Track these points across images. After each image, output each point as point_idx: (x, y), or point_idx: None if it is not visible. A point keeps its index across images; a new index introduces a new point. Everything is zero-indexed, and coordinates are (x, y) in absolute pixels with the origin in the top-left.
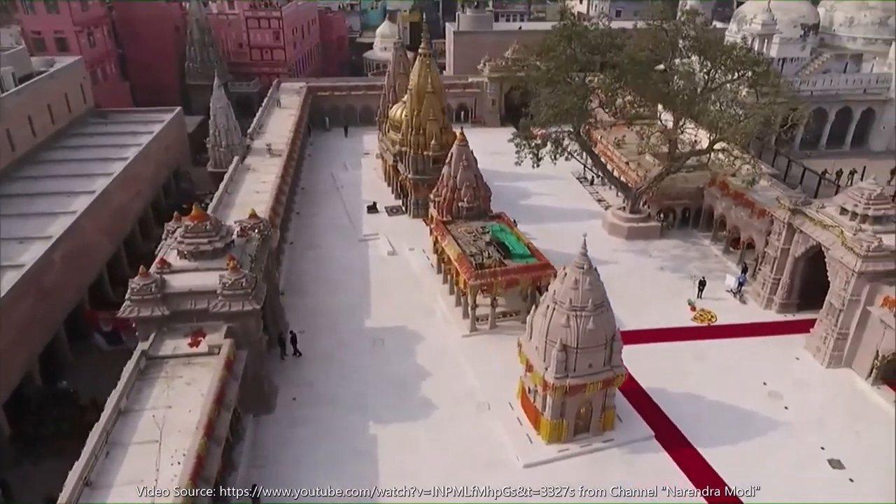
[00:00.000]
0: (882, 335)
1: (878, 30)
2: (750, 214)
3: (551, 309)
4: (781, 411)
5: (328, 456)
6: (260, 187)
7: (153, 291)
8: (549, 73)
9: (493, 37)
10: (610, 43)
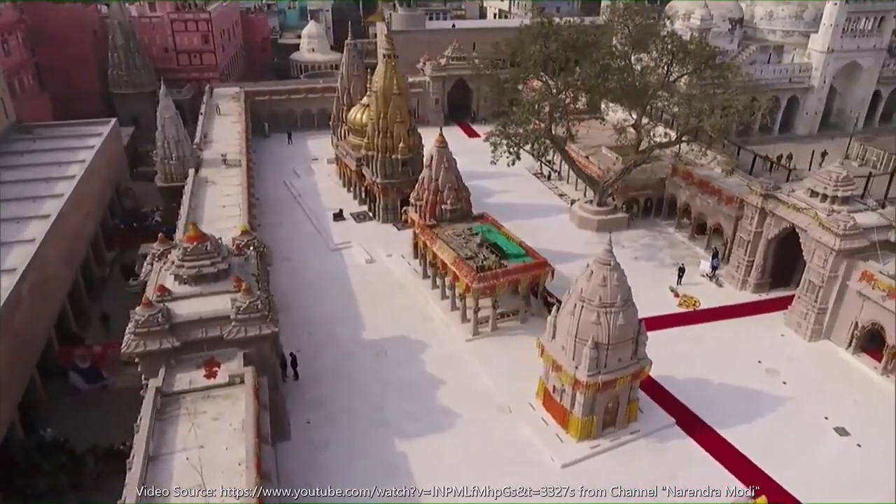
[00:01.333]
0: (861, 307)
1: (795, 23)
2: (717, 201)
3: (580, 307)
4: (781, 387)
5: (361, 476)
6: (225, 201)
7: (160, 322)
8: (525, 73)
9: (427, 35)
10: (585, 41)
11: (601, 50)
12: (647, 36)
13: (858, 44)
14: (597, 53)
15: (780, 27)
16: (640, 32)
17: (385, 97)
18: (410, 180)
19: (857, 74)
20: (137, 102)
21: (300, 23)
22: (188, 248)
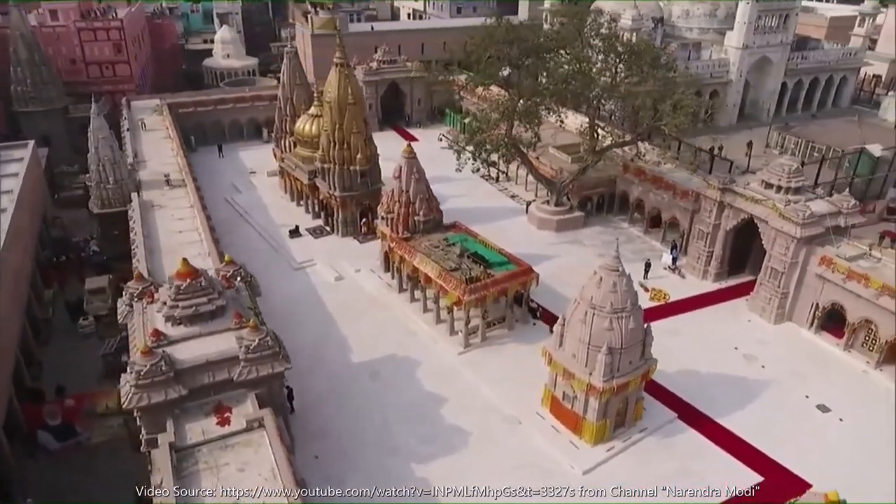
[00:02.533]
0: (820, 290)
1: (709, 20)
2: (672, 196)
3: (591, 315)
4: (761, 371)
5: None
6: (179, 225)
7: (163, 371)
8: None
9: (351, 38)
10: (546, 46)
11: (564, 55)
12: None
13: (768, 40)
14: (559, 59)
15: (696, 25)
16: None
17: (340, 107)
18: (369, 192)
19: (767, 68)
20: (46, 120)
21: (206, 27)
22: (181, 285)
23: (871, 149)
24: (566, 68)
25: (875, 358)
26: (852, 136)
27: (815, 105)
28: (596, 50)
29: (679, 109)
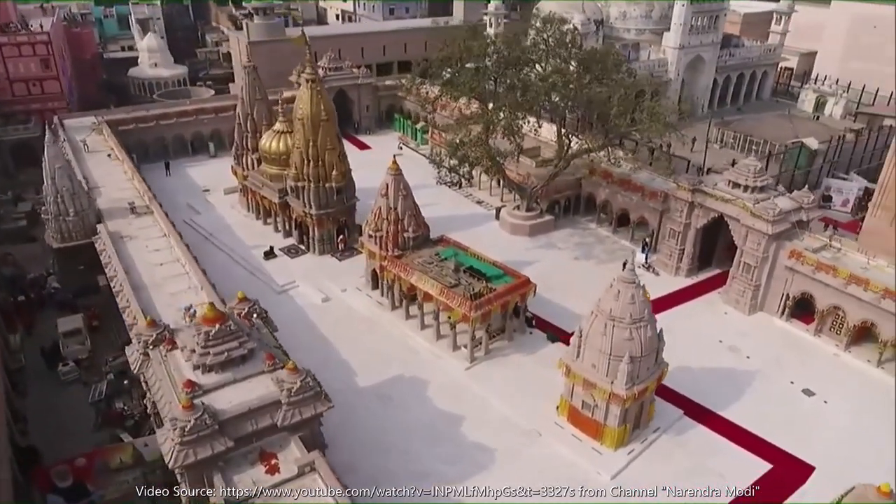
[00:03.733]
0: (790, 281)
1: (645, 21)
2: (641, 197)
3: (611, 326)
4: (746, 362)
5: None
6: (157, 258)
7: (208, 424)
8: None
9: (289, 45)
10: (522, 58)
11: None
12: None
13: (701, 39)
14: (539, 72)
15: (633, 26)
16: (556, 44)
17: (313, 124)
18: (345, 208)
19: (700, 66)
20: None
21: (121, 32)
22: (210, 331)
23: (808, 142)
24: (547, 81)
25: (844, 341)
26: (785, 129)
27: (741, 99)
28: (561, 59)
29: (653, 116)
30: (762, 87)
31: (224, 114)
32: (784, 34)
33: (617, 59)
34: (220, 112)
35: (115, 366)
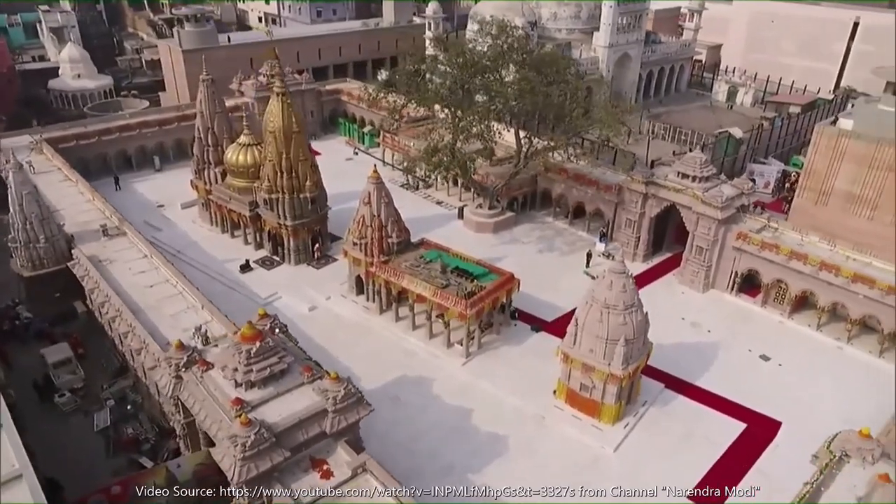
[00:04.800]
0: (738, 260)
1: (574, 22)
2: (596, 190)
3: (606, 314)
4: (707, 335)
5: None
6: (145, 280)
7: (266, 438)
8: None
9: (224, 52)
10: (495, 66)
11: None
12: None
13: (627, 38)
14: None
15: (564, 26)
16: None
17: (286, 136)
18: (319, 217)
19: (627, 63)
20: None
21: (30, 41)
22: (251, 349)
23: (733, 132)
24: (514, 87)
25: (787, 310)
26: (709, 120)
27: (662, 91)
28: (518, 64)
29: (609, 117)
30: (680, 79)
31: (168, 126)
32: (697, 30)
33: (567, 61)
34: (163, 125)
35: (114, 392)
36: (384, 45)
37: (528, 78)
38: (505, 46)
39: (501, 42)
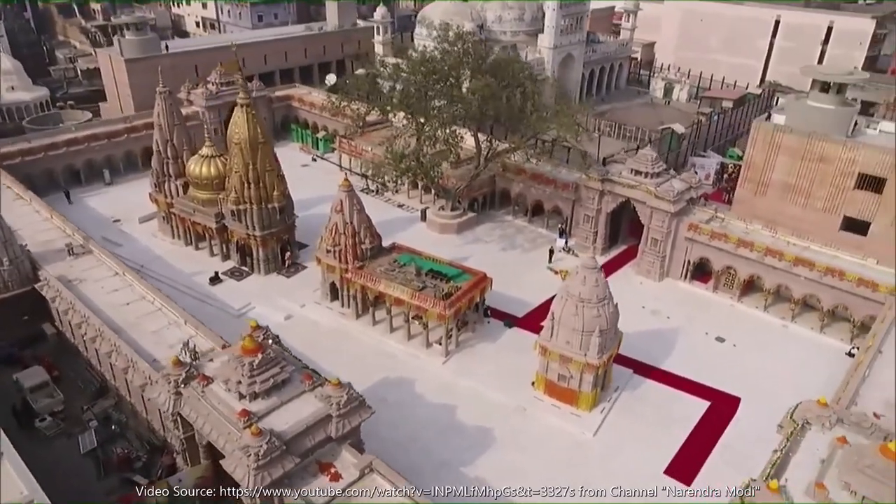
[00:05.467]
0: (690, 249)
1: (518, 24)
2: (554, 188)
3: (581, 307)
4: (667, 321)
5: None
6: (120, 298)
7: (277, 446)
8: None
9: (168, 60)
10: (457, 74)
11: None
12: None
13: (570, 39)
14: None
15: (509, 28)
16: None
17: (252, 147)
18: (287, 226)
19: (571, 63)
20: None
21: None
22: (254, 361)
23: (675, 127)
24: (477, 94)
25: (736, 294)
26: (650, 116)
27: (604, 89)
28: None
29: (565, 118)
30: (619, 77)
31: (117, 138)
32: (633, 30)
33: (521, 65)
34: (112, 137)
35: (97, 413)
36: (330, 48)
37: (490, 84)
38: (461, 53)
39: (459, 48)
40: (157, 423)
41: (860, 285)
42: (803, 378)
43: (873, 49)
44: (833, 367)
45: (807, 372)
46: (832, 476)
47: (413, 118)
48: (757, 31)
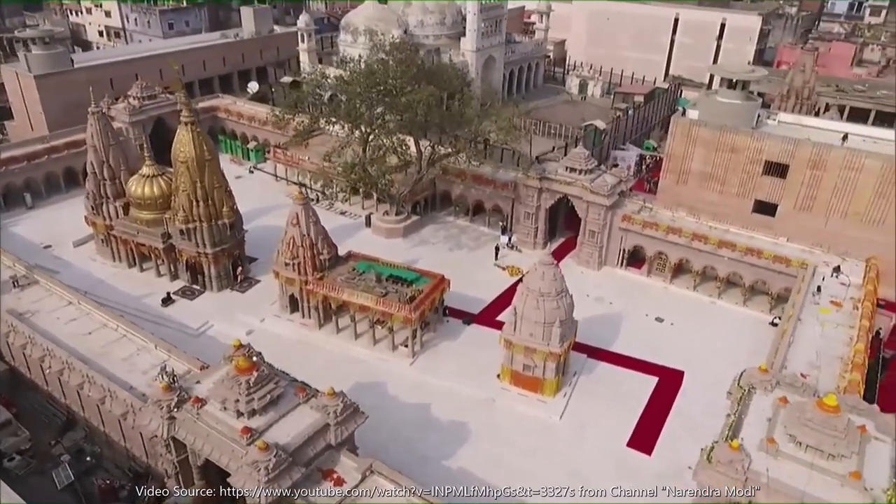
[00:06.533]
0: (625, 238)
1: (440, 28)
2: (494, 188)
3: (542, 301)
4: (611, 307)
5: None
6: (80, 327)
7: (284, 458)
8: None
9: (83, 74)
10: (402, 84)
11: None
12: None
13: (491, 41)
14: (414, 95)
15: (431, 32)
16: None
17: (199, 165)
18: (238, 241)
19: (493, 64)
20: None
21: None
22: (250, 379)
23: (597, 123)
24: (421, 104)
25: (668, 277)
26: (572, 113)
27: (523, 88)
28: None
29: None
30: (536, 76)
31: (37, 160)
32: (547, 30)
33: (457, 71)
34: (32, 159)
35: (69, 446)
36: (248, 56)
37: (434, 93)
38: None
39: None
40: (137, 449)
41: (776, 262)
42: (734, 348)
43: (761, 43)
44: (758, 335)
45: (736, 342)
46: (780, 431)
47: (358, 128)
48: (659, 28)
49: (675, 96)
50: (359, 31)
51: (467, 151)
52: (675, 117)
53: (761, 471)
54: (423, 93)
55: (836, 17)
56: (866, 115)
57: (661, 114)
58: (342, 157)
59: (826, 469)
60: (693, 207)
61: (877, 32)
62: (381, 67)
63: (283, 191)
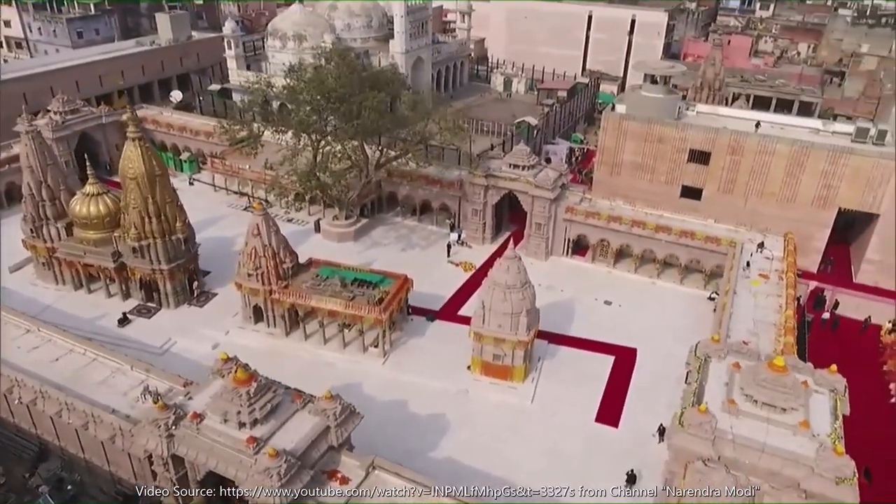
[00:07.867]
0: (569, 229)
1: (368, 31)
2: (440, 188)
3: (508, 293)
4: (562, 294)
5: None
6: (45, 354)
7: (295, 463)
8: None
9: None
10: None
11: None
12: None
13: (418, 43)
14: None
15: (359, 35)
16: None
17: (150, 180)
18: (192, 255)
19: (421, 65)
20: None
21: None
22: (250, 390)
23: (529, 120)
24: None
25: (611, 262)
26: (502, 110)
27: (450, 87)
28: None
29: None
30: (462, 74)
31: None
32: (470, 30)
33: (397, 75)
34: None
35: (47, 478)
36: (168, 64)
37: (382, 98)
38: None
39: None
40: (124, 472)
41: (708, 242)
42: (677, 323)
43: (668, 37)
44: (697, 310)
45: (679, 318)
46: (738, 393)
47: (309, 136)
48: (574, 24)
49: (594, 90)
50: (287, 36)
51: (415, 153)
52: (606, 112)
53: (726, 429)
54: (374, 98)
55: (732, 12)
56: (768, 103)
57: (584, 108)
58: (293, 164)
59: (780, 422)
60: (627, 196)
61: (768, 25)
62: (329, 76)
63: (224, 201)
